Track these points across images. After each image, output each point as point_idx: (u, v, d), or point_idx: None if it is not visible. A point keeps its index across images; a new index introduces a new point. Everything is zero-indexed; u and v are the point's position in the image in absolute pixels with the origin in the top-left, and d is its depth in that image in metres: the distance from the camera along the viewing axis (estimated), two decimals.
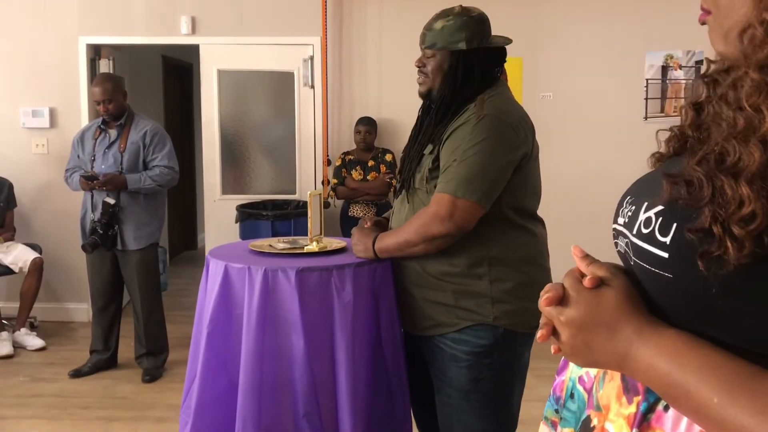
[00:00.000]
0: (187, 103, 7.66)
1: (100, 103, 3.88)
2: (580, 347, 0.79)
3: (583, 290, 0.79)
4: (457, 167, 1.86)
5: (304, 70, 5.04)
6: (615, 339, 0.76)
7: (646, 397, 0.77)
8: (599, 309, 0.78)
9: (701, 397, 0.67)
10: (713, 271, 0.67)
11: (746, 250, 0.65)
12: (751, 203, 0.65)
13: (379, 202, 4.77)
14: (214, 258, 2.08)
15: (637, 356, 0.74)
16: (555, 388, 0.97)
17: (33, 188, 5.08)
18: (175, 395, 3.66)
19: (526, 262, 1.97)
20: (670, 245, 0.73)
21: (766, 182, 0.66)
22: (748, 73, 0.69)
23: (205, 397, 2.01)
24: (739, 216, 0.66)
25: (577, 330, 0.79)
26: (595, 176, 4.96)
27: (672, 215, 0.74)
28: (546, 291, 0.82)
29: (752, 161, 0.66)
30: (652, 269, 0.76)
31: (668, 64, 4.99)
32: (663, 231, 0.74)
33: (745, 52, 0.69)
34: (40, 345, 4.53)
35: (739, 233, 0.65)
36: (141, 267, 3.97)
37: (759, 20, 0.68)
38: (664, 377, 0.71)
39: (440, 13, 2.02)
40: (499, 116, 1.90)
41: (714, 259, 0.67)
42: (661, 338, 0.73)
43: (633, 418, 0.78)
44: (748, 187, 0.66)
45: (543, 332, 0.83)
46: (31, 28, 5.01)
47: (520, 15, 4.95)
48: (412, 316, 2.05)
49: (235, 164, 5.25)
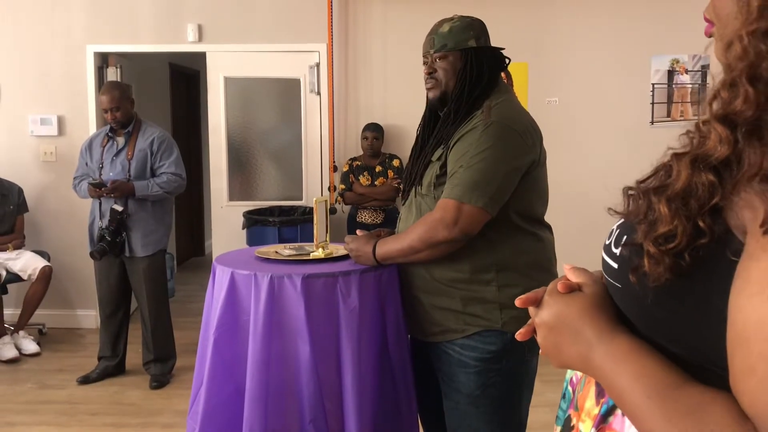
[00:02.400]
0: (193, 110, 7.70)
1: (107, 111, 3.91)
2: (551, 348, 0.84)
3: (556, 294, 0.84)
4: (464, 173, 1.86)
5: (310, 76, 5.06)
6: (578, 341, 0.80)
7: (608, 400, 0.82)
8: (566, 312, 0.82)
9: (630, 401, 0.72)
10: (643, 284, 0.71)
11: (661, 267, 0.68)
12: (668, 222, 0.67)
13: (386, 207, 4.77)
14: (220, 265, 2.08)
15: (594, 358, 0.78)
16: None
17: (41, 195, 5.11)
18: (183, 401, 3.66)
19: (534, 267, 1.97)
20: (619, 257, 0.78)
21: (687, 202, 0.66)
22: (719, 91, 0.68)
23: (212, 404, 2.02)
24: (656, 234, 0.68)
25: (547, 331, 0.84)
26: (601, 181, 4.94)
27: (625, 228, 0.78)
28: (528, 293, 0.87)
29: (678, 182, 0.68)
30: (609, 279, 0.81)
31: (674, 69, 4.98)
32: (617, 243, 0.79)
33: (727, 65, 0.69)
34: (34, 350, 4.54)
35: (654, 253, 0.68)
36: (149, 274, 3.99)
37: (737, 36, 0.67)
38: (609, 380, 0.76)
39: (441, 21, 2.05)
40: (506, 123, 1.90)
41: (642, 274, 0.70)
42: (612, 344, 0.77)
43: (596, 418, 0.83)
44: (666, 206, 0.68)
45: (523, 331, 0.90)
46: (40, 36, 5.05)
47: (525, 20, 4.95)
48: (420, 322, 2.05)
49: (241, 171, 5.27)
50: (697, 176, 0.66)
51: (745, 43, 0.65)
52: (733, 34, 0.68)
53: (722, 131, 0.65)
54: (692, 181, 0.67)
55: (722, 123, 0.65)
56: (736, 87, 0.65)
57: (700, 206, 0.66)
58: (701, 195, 0.66)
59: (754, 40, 0.65)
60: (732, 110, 0.65)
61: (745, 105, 0.64)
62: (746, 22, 0.66)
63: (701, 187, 0.66)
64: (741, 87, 0.64)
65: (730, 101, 0.66)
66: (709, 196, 0.65)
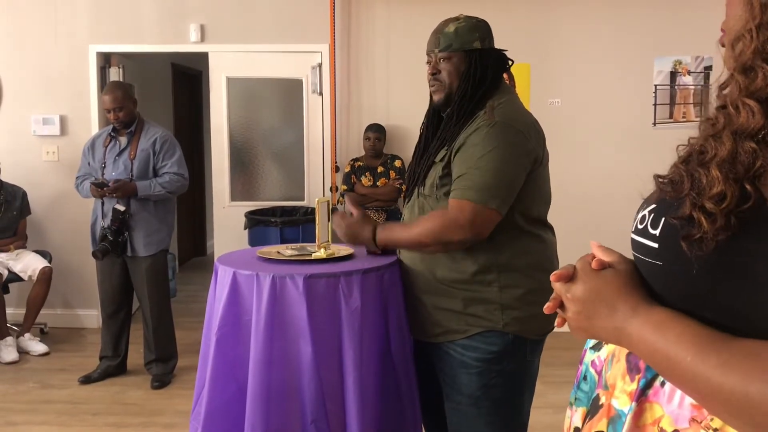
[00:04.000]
0: (196, 110, 7.70)
1: (110, 111, 3.91)
2: (583, 321, 0.90)
3: (590, 271, 0.90)
4: (475, 174, 1.86)
5: (312, 77, 5.06)
6: (613, 315, 0.86)
7: (645, 374, 0.87)
8: (602, 288, 0.88)
9: (678, 358, 0.77)
10: (694, 252, 0.76)
11: (719, 224, 0.74)
12: (720, 184, 0.75)
13: (389, 208, 4.77)
14: (222, 265, 2.08)
15: (631, 331, 0.84)
16: (577, 375, 1.05)
17: (43, 195, 5.11)
18: (185, 402, 3.67)
19: (536, 268, 1.97)
20: (659, 237, 0.84)
21: (734, 166, 0.75)
22: (733, 76, 0.79)
23: (214, 404, 2.02)
24: (710, 195, 0.76)
25: (581, 306, 0.89)
26: (603, 182, 4.95)
27: (661, 210, 0.85)
28: (559, 270, 0.92)
29: (723, 150, 0.76)
30: (646, 259, 0.87)
31: (677, 70, 4.98)
32: (654, 225, 0.85)
33: (735, 57, 0.79)
34: (43, 350, 4.56)
35: (711, 209, 0.75)
36: (150, 273, 3.99)
37: (747, 29, 0.78)
38: (651, 345, 0.81)
39: (448, 20, 2.04)
40: (510, 123, 1.90)
41: (694, 241, 0.76)
42: (650, 315, 0.83)
43: (634, 393, 0.87)
44: (717, 170, 0.76)
45: (550, 305, 0.94)
46: (42, 36, 5.05)
47: (528, 22, 4.95)
48: (421, 323, 2.05)
49: (244, 171, 5.27)
50: (740, 144, 0.75)
51: (753, 35, 0.76)
52: (740, 30, 0.79)
53: (753, 105, 0.75)
54: (736, 149, 0.75)
55: (752, 98, 0.75)
56: (752, 70, 0.76)
57: (745, 170, 0.74)
58: (745, 160, 0.74)
59: (760, 31, 0.76)
60: (755, 87, 0.75)
61: (765, 81, 0.75)
62: (751, 18, 0.77)
63: (744, 153, 0.74)
64: (758, 69, 0.75)
65: (751, 81, 0.76)
66: (753, 160, 0.73)
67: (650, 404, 0.85)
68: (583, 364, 1.03)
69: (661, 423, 0.83)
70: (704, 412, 0.78)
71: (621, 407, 0.89)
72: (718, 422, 0.77)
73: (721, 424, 0.77)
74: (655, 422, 0.84)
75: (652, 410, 0.85)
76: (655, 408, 0.85)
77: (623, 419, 0.88)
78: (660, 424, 0.83)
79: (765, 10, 0.77)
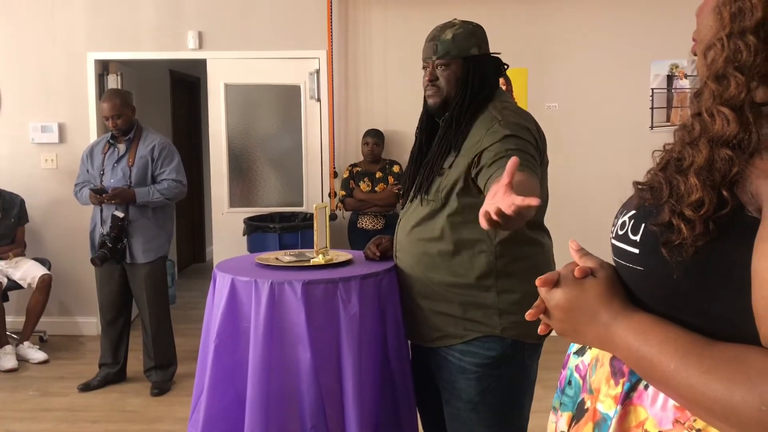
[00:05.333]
0: (194, 116, 7.71)
1: (108, 118, 3.92)
2: (567, 329, 0.92)
3: (572, 279, 0.91)
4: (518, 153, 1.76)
5: (310, 83, 5.07)
6: (595, 323, 0.88)
7: (630, 378, 0.88)
8: (582, 297, 0.89)
9: (662, 365, 0.78)
10: (674, 258, 0.78)
11: (698, 230, 0.76)
12: (699, 191, 0.77)
13: (387, 213, 4.78)
14: (220, 271, 2.09)
15: (613, 337, 0.86)
16: (560, 380, 1.07)
17: (42, 203, 5.11)
18: (184, 408, 3.66)
19: (533, 272, 1.94)
20: (640, 242, 0.86)
21: (711, 173, 0.77)
22: (707, 84, 0.81)
23: (213, 410, 2.02)
24: (688, 202, 0.77)
25: (564, 314, 0.91)
26: (600, 186, 4.95)
27: (641, 217, 0.86)
28: (544, 275, 0.93)
29: (700, 157, 0.78)
30: (627, 264, 0.89)
31: (673, 74, 4.99)
32: (634, 231, 0.87)
33: (707, 66, 0.82)
34: (42, 358, 4.55)
35: (690, 215, 0.77)
36: (149, 280, 3.99)
37: (717, 38, 0.80)
38: (635, 351, 0.82)
39: (444, 25, 2.03)
40: (519, 121, 1.91)
41: (674, 247, 0.78)
42: (631, 320, 0.85)
43: (618, 397, 0.89)
44: (695, 177, 0.78)
45: (532, 312, 0.95)
46: (41, 44, 5.06)
47: (525, 26, 4.97)
48: (419, 328, 2.05)
49: (242, 177, 5.27)
50: (716, 152, 0.77)
51: (724, 43, 0.79)
52: (711, 39, 0.81)
53: (728, 112, 0.77)
54: (712, 157, 0.77)
55: (725, 106, 0.77)
56: (725, 78, 0.78)
57: (722, 177, 0.76)
58: (721, 167, 0.76)
59: (730, 40, 0.79)
60: (729, 95, 0.78)
61: (737, 89, 0.77)
62: (721, 28, 0.80)
63: (720, 161, 0.76)
64: (731, 77, 0.78)
65: (724, 89, 0.78)
66: (729, 167, 0.75)
67: (635, 407, 0.87)
68: (567, 369, 1.04)
69: (646, 425, 0.84)
70: (687, 414, 0.80)
71: (606, 411, 0.91)
72: (701, 423, 0.78)
73: (704, 425, 0.78)
74: (640, 425, 0.85)
75: (636, 413, 0.86)
76: (639, 411, 0.86)
77: (608, 423, 0.89)
78: (645, 426, 0.85)
79: (734, 19, 0.79)
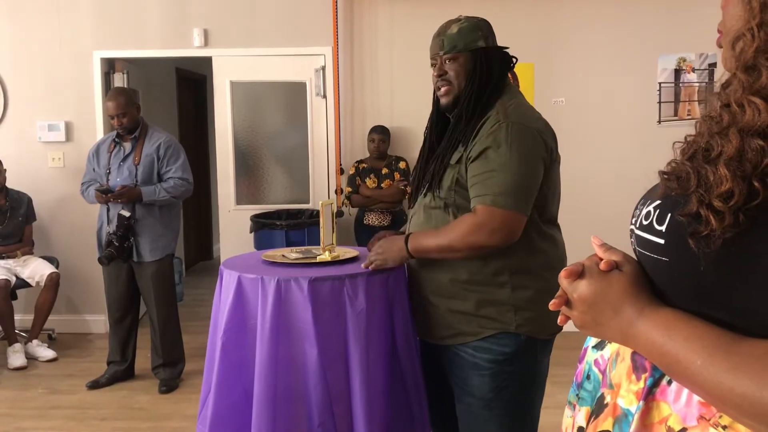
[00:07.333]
0: (200, 114, 7.72)
1: (114, 117, 3.92)
2: (589, 322, 0.90)
3: (597, 272, 0.90)
4: (500, 177, 1.84)
5: (316, 80, 5.06)
6: (619, 317, 0.86)
7: (653, 373, 0.87)
8: (608, 290, 0.88)
9: (688, 362, 0.77)
10: (702, 249, 0.77)
11: (727, 221, 0.74)
12: (728, 181, 0.75)
13: (393, 209, 4.77)
14: (227, 269, 2.08)
15: (637, 332, 0.84)
16: (577, 375, 1.05)
17: (49, 201, 5.13)
18: (192, 406, 3.67)
19: (547, 268, 1.95)
20: (666, 233, 0.84)
21: (741, 164, 0.75)
22: (736, 74, 0.80)
23: (220, 408, 2.02)
24: (718, 192, 0.76)
25: (587, 307, 0.89)
26: (609, 180, 4.93)
27: (667, 207, 0.85)
28: (569, 266, 0.92)
29: (730, 147, 0.76)
30: (651, 255, 0.87)
31: (681, 68, 4.96)
32: (659, 221, 0.86)
33: (736, 57, 0.81)
34: (51, 356, 4.57)
35: (719, 206, 0.75)
36: (157, 278, 3.99)
37: (747, 28, 0.79)
38: (659, 348, 0.81)
39: (449, 22, 2.03)
40: (525, 123, 1.89)
41: (702, 238, 0.77)
42: (657, 316, 0.83)
43: (641, 392, 0.88)
44: (725, 168, 0.76)
45: (556, 302, 0.93)
46: (47, 43, 5.07)
47: (531, 21, 4.94)
48: (431, 325, 2.04)
49: (248, 175, 5.27)
50: (747, 142, 0.75)
51: (754, 33, 0.78)
52: (740, 30, 0.80)
53: (759, 102, 0.75)
54: (743, 147, 0.75)
55: (757, 96, 0.76)
56: (755, 68, 0.77)
57: (753, 167, 0.74)
58: (753, 158, 0.74)
59: (761, 29, 0.78)
60: (760, 85, 0.76)
61: None
62: (751, 17, 0.79)
63: (752, 151, 0.75)
64: (762, 67, 0.77)
65: (755, 80, 0.77)
66: (761, 158, 0.74)
67: (657, 403, 0.85)
68: (585, 363, 1.03)
69: (669, 421, 0.83)
70: (713, 410, 0.78)
71: (627, 406, 0.89)
72: (726, 419, 0.77)
73: (730, 421, 0.77)
74: (663, 421, 0.84)
75: (659, 409, 0.85)
76: (662, 407, 0.85)
77: (629, 418, 0.88)
78: (668, 422, 0.83)
79: (764, 8, 0.78)
